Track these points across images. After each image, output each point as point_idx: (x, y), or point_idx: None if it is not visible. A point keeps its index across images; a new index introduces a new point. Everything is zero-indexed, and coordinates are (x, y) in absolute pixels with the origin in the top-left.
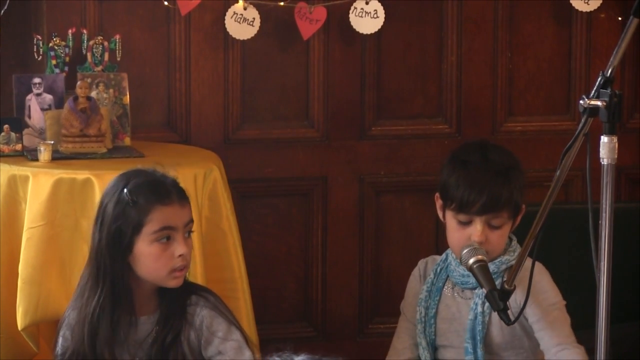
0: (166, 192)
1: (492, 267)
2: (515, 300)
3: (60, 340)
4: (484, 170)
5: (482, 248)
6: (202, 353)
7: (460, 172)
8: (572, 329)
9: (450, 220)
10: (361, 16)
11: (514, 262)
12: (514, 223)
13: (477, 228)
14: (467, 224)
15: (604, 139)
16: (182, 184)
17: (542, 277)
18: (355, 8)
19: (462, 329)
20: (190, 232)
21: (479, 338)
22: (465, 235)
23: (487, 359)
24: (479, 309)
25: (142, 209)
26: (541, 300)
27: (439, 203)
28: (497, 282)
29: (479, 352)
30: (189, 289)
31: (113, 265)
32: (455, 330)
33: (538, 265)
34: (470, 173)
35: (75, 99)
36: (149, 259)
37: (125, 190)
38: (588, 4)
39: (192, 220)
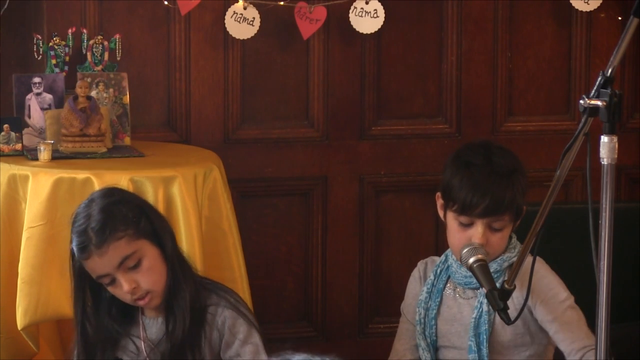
0: (84, 245)
1: (494, 265)
2: (518, 298)
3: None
4: (488, 173)
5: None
6: (221, 354)
7: (463, 174)
8: None
9: (452, 221)
10: (361, 16)
11: (515, 259)
12: (514, 225)
13: (478, 230)
14: (468, 226)
15: (604, 138)
16: (182, 184)
17: (547, 273)
18: (355, 8)
19: (463, 329)
20: (134, 266)
21: (484, 337)
22: (466, 237)
23: (490, 358)
24: (484, 307)
25: (78, 257)
26: (550, 297)
27: (439, 202)
28: (500, 280)
29: (484, 350)
30: (207, 289)
31: (79, 282)
32: (456, 331)
33: (541, 262)
34: (473, 175)
35: (75, 98)
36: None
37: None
38: (588, 4)
39: (126, 257)
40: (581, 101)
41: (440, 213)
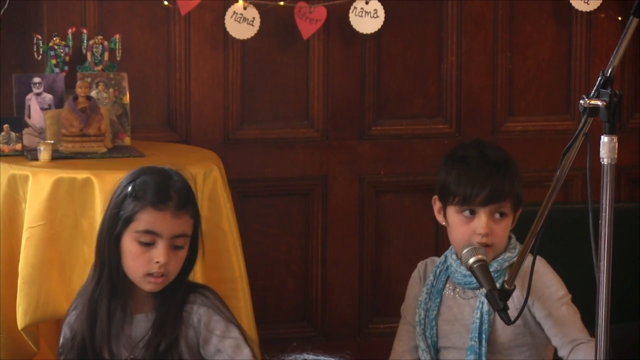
0: (165, 197)
1: (495, 265)
2: (519, 298)
3: (61, 339)
4: (484, 164)
5: (487, 241)
6: (201, 351)
7: (460, 168)
8: None
9: (454, 216)
10: (361, 16)
11: (515, 259)
12: (515, 215)
13: (481, 220)
14: (471, 216)
15: (604, 138)
16: None
17: (547, 272)
18: (355, 8)
19: (464, 329)
20: (179, 246)
21: (484, 336)
22: (470, 229)
23: (490, 358)
24: (485, 307)
25: (136, 205)
26: (547, 294)
27: (437, 206)
28: (500, 280)
29: (483, 350)
30: (187, 289)
31: (109, 251)
32: (457, 331)
33: (541, 260)
34: (470, 168)
35: (75, 98)
36: (129, 255)
37: (133, 182)
38: (588, 4)
39: (184, 235)
40: (581, 101)
41: (439, 217)
